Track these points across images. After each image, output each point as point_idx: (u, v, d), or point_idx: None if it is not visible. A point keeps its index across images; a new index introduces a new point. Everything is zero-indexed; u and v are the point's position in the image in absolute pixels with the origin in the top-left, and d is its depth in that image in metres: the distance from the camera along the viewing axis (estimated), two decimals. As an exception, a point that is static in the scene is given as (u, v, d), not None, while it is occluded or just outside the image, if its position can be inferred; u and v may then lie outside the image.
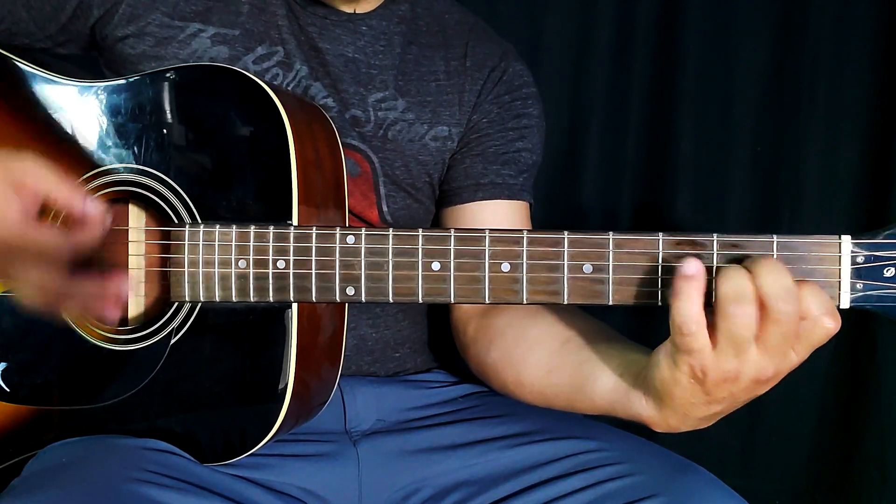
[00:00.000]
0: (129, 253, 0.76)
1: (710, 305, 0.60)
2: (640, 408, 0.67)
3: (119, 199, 0.76)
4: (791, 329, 0.58)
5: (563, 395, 0.75)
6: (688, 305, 0.58)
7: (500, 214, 0.92)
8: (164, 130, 0.75)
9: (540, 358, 0.77)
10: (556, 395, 0.76)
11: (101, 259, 0.75)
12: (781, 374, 0.61)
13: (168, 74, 0.76)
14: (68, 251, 0.67)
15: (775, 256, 0.62)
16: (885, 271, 0.61)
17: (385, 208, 0.91)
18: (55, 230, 0.68)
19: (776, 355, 0.59)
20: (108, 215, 0.69)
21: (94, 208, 0.67)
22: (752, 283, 0.58)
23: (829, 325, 0.59)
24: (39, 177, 0.66)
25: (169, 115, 0.75)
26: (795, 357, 0.60)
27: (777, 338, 0.58)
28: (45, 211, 0.68)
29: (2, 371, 0.77)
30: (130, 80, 0.77)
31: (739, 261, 0.61)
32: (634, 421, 0.69)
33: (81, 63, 0.88)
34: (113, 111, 0.76)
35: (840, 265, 0.61)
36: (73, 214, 0.67)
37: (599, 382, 0.71)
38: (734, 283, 0.58)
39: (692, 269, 0.59)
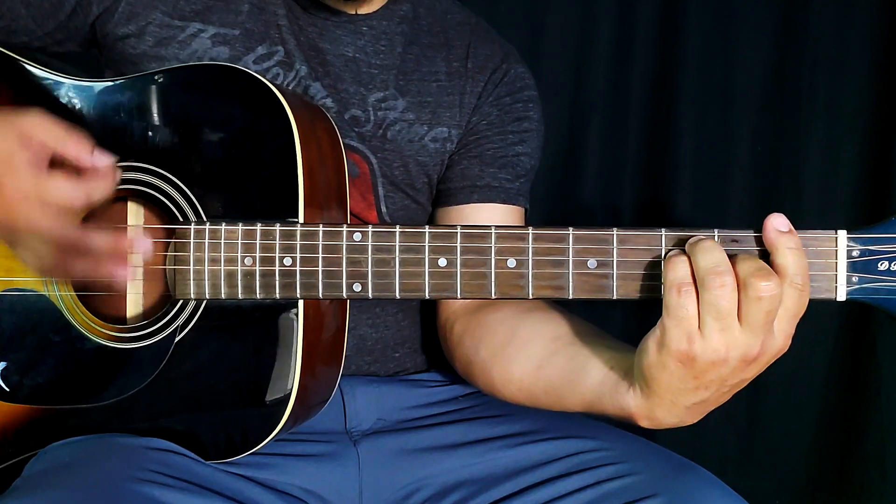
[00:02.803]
0: (129, 251, 0.76)
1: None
2: (628, 398, 0.67)
3: (124, 196, 0.76)
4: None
5: (551, 391, 0.75)
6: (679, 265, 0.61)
7: (494, 218, 0.92)
8: (169, 129, 0.75)
9: (530, 354, 0.78)
10: (544, 392, 0.76)
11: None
12: (769, 352, 0.62)
13: (173, 73, 0.76)
14: (80, 202, 0.65)
15: None
16: (879, 265, 0.63)
17: (384, 209, 0.91)
18: (66, 180, 0.65)
19: (755, 330, 0.60)
20: (117, 171, 0.68)
21: (103, 159, 0.66)
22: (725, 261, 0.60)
23: (799, 282, 0.61)
24: (47, 129, 0.65)
25: (174, 114, 0.75)
26: (779, 328, 0.61)
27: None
28: (55, 164, 0.66)
29: (1, 370, 0.77)
30: (135, 78, 0.77)
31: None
32: (621, 415, 0.69)
33: (82, 61, 0.88)
34: (118, 109, 0.76)
35: (836, 259, 0.63)
36: (83, 166, 0.66)
37: (590, 375, 0.71)
38: (713, 254, 0.60)
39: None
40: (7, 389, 0.77)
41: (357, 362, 0.92)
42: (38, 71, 0.79)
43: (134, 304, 0.77)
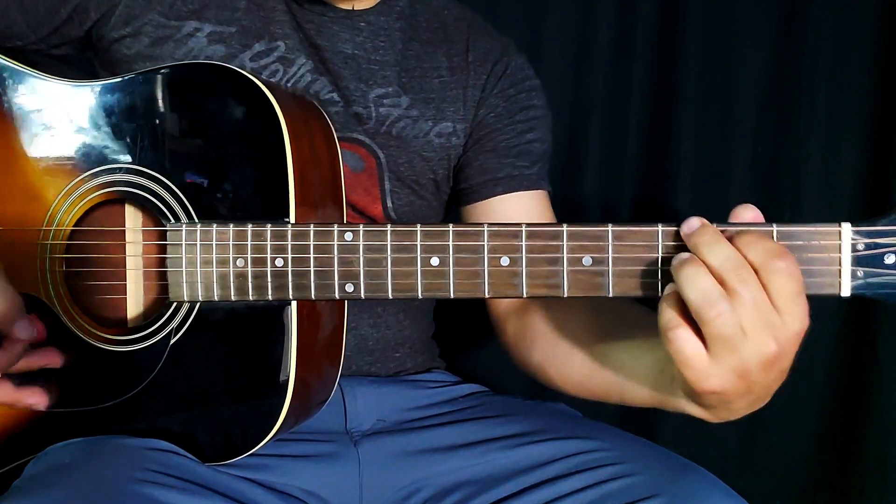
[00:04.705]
0: (127, 254, 0.76)
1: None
2: (686, 407, 0.66)
3: (115, 199, 0.76)
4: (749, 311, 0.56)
5: (612, 394, 0.75)
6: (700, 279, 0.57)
7: (521, 206, 0.92)
8: (159, 130, 0.75)
9: (582, 358, 0.78)
10: (606, 394, 0.76)
11: (99, 260, 0.76)
12: (788, 342, 0.58)
13: (162, 73, 0.75)
14: None
15: None
16: (885, 258, 0.60)
17: (389, 204, 0.91)
18: None
19: (758, 327, 0.57)
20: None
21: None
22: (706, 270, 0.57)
23: (781, 265, 0.56)
24: None
25: (164, 115, 0.75)
26: (779, 319, 0.57)
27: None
28: None
29: None
30: (125, 79, 0.76)
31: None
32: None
33: (76, 63, 0.88)
34: (107, 111, 0.76)
35: (841, 253, 0.61)
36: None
37: (639, 392, 0.71)
38: (697, 285, 0.57)
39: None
40: (5, 393, 0.77)
41: (357, 362, 0.92)
42: (28, 73, 0.78)
43: (130, 307, 0.76)
